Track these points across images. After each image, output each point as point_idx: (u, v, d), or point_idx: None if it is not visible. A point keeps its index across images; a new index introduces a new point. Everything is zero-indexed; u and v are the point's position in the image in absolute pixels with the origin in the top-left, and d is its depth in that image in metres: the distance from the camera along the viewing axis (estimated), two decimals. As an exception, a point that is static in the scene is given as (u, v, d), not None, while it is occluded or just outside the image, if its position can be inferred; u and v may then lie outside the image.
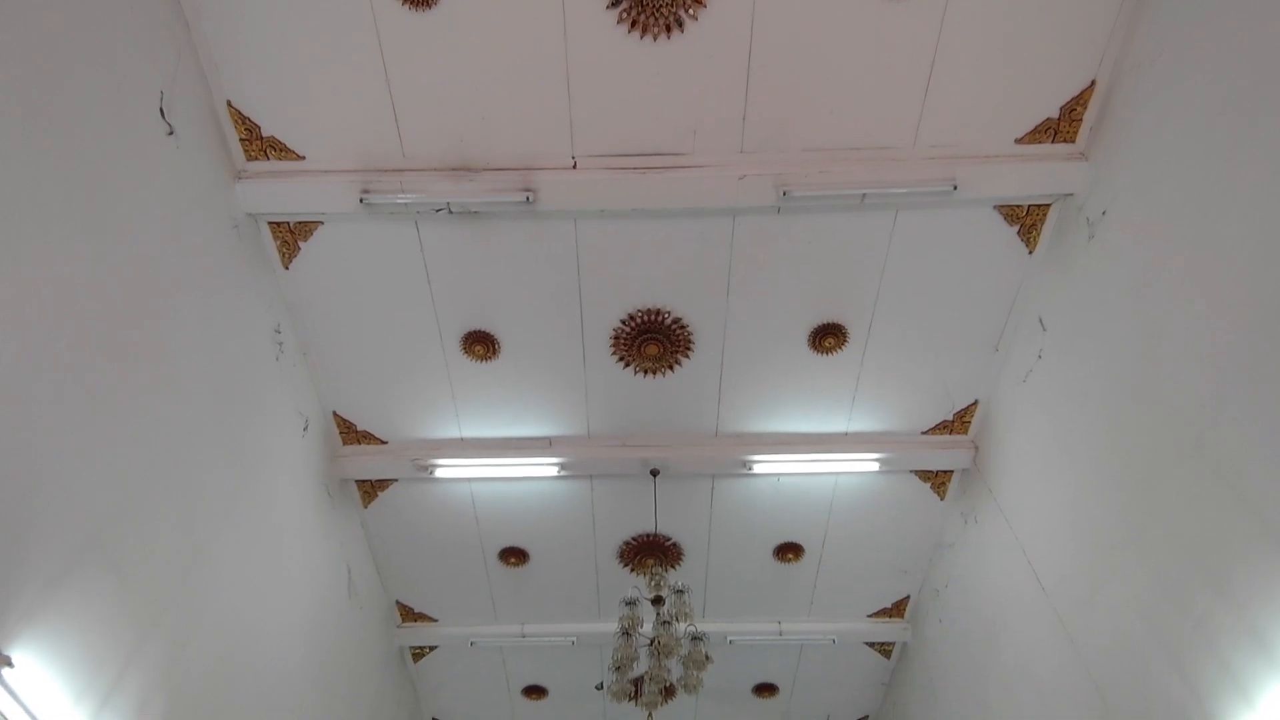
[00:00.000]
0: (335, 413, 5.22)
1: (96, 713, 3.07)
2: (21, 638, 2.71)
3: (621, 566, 6.14)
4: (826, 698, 7.24)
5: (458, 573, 6.18)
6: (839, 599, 6.35)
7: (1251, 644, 2.88)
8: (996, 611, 4.90)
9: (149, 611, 3.39)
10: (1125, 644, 3.60)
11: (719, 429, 5.33)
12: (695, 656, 4.46)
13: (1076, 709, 3.98)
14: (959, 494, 5.45)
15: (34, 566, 2.78)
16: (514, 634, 6.54)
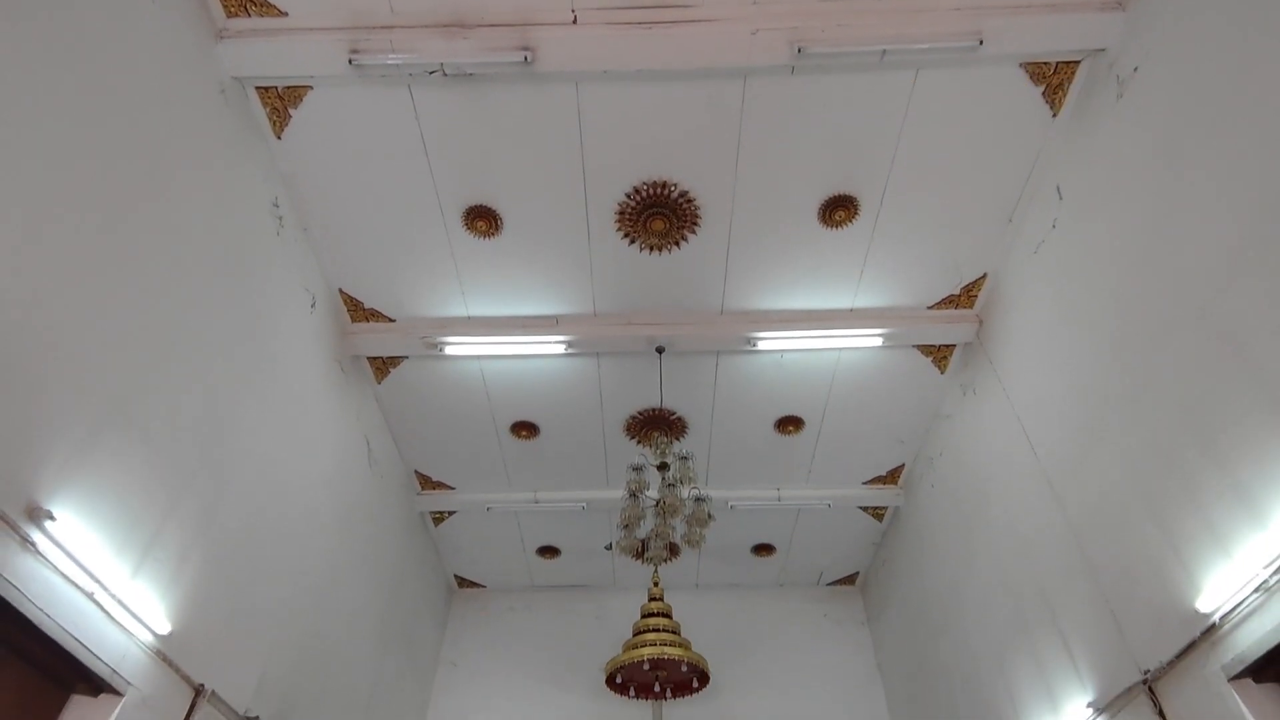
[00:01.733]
0: (341, 290, 5.22)
1: (138, 564, 3.31)
2: (59, 494, 2.88)
3: (628, 439, 6.36)
4: (820, 557, 7.72)
5: (471, 445, 6.43)
6: (836, 468, 6.61)
7: (1235, 499, 3.02)
8: (988, 476, 5.12)
9: (178, 474, 3.57)
10: (1110, 502, 3.78)
11: (724, 306, 5.34)
12: (698, 515, 4.72)
13: (1058, 562, 4.25)
14: (959, 367, 5.53)
15: (61, 430, 2.91)
16: (527, 500, 6.89)
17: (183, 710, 3.58)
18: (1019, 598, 4.69)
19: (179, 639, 3.55)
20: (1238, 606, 2.97)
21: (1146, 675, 3.46)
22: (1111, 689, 3.73)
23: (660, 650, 6.00)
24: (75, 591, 2.96)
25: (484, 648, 7.80)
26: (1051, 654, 4.30)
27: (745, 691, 7.33)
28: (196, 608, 3.70)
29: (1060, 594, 4.24)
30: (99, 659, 3.04)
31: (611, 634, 7.54)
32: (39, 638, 2.82)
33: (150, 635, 3.36)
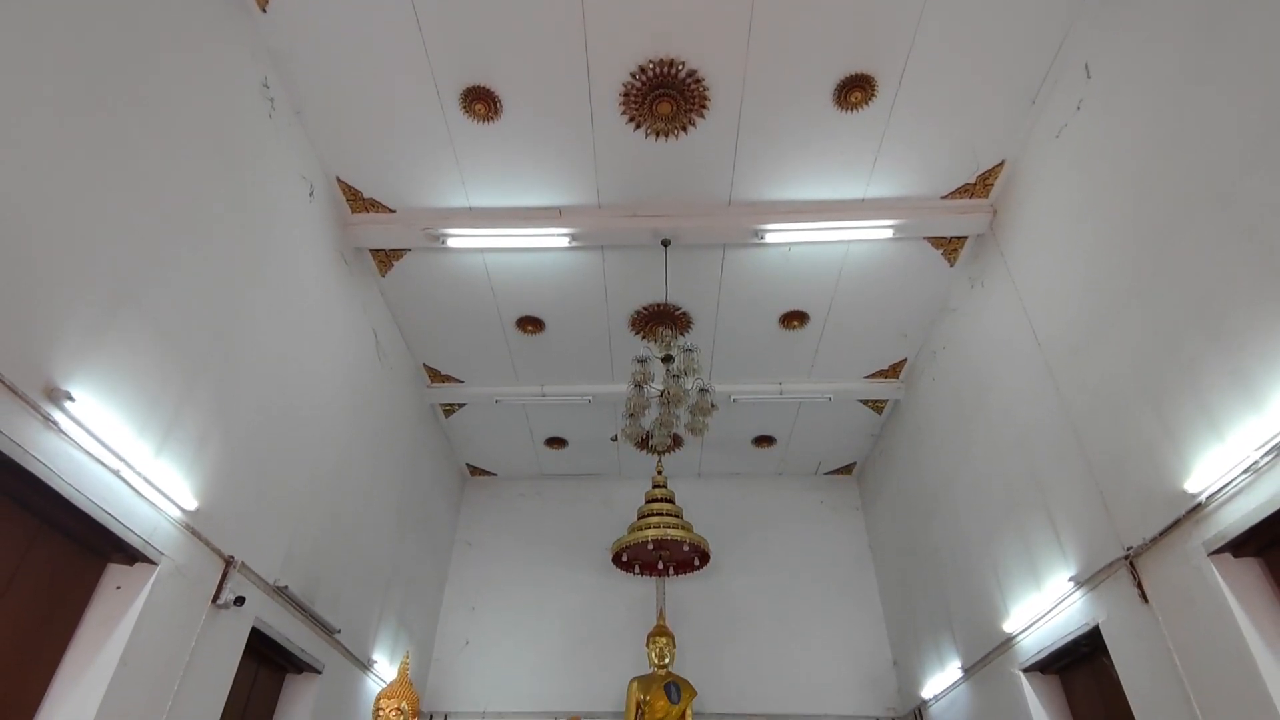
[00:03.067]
0: (339, 179, 5.10)
1: (160, 445, 3.42)
2: (76, 376, 2.93)
3: (633, 334, 6.39)
4: (819, 448, 7.95)
5: (478, 339, 6.48)
6: (838, 362, 6.68)
7: (1235, 384, 3.04)
8: (989, 369, 5.16)
9: (190, 360, 3.62)
10: (1109, 390, 3.83)
11: (732, 197, 5.20)
12: (701, 405, 4.81)
13: (1052, 449, 4.36)
14: (970, 259, 5.45)
15: (72, 313, 2.92)
16: (534, 393, 7.02)
17: (215, 579, 3.81)
18: (1011, 483, 4.84)
19: (206, 514, 3.73)
20: (1225, 487, 3.07)
21: (1129, 551, 3.63)
22: (1094, 564, 3.92)
23: (663, 532, 6.32)
24: (102, 469, 3.07)
25: (497, 530, 8.21)
26: (1038, 534, 4.50)
27: (743, 570, 7.75)
28: (220, 486, 3.86)
29: (1051, 479, 4.37)
30: (131, 530, 3.20)
31: (617, 519, 7.91)
32: (72, 511, 2.96)
33: (178, 510, 3.52)
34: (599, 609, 7.57)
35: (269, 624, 4.32)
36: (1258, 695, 2.88)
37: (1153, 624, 3.49)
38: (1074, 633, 4.09)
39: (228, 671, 3.95)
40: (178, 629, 3.53)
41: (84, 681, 3.06)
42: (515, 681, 7.12)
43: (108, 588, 3.31)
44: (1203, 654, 3.19)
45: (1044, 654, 4.41)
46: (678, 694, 5.96)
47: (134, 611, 3.25)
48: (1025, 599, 4.61)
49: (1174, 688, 3.34)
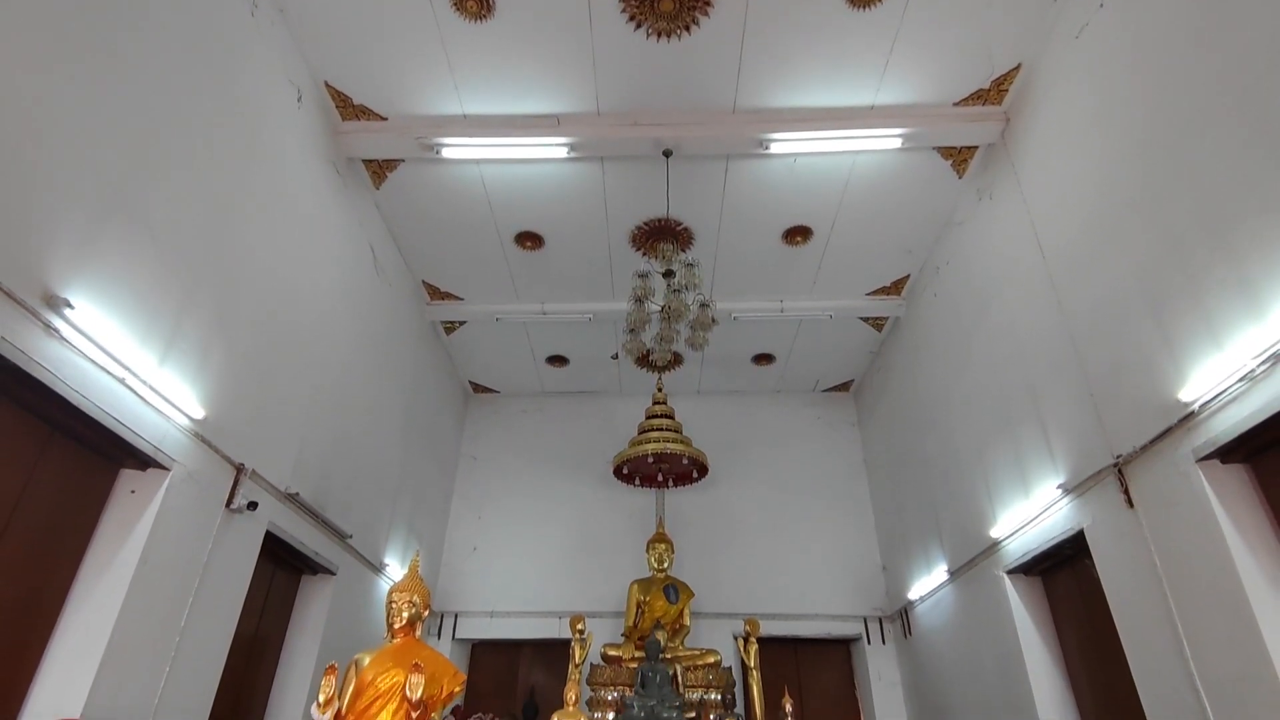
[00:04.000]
0: (327, 84, 4.90)
1: (163, 355, 3.44)
2: (73, 283, 2.92)
3: (634, 250, 6.31)
4: (817, 365, 8.00)
5: (477, 255, 6.40)
6: (840, 279, 6.62)
7: (1238, 293, 3.02)
8: (992, 283, 5.12)
9: (187, 269, 3.59)
10: (1111, 301, 3.81)
11: (737, 104, 5.01)
12: (702, 319, 4.81)
13: (1049, 361, 4.38)
14: (979, 170, 5.31)
15: (65, 219, 2.88)
16: (535, 311, 7.01)
17: (227, 485, 3.92)
18: (1006, 396, 4.90)
19: (214, 423, 3.79)
20: (1220, 395, 3.10)
21: (1118, 459, 3.71)
22: (1082, 472, 4.02)
23: (663, 445, 6.44)
24: (107, 377, 3.10)
25: (501, 445, 8.38)
26: (1030, 445, 4.59)
27: (740, 483, 7.97)
28: (227, 396, 3.91)
29: (1046, 390, 4.42)
30: (141, 437, 3.27)
31: (618, 434, 8.05)
32: (81, 418, 3.01)
33: (186, 419, 3.58)
34: (600, 518, 7.83)
35: (283, 528, 4.48)
36: (1233, 593, 3.01)
37: (1136, 528, 3.61)
38: (1058, 537, 4.24)
39: (245, 571, 4.13)
40: (194, 531, 3.66)
41: (107, 578, 3.20)
42: (521, 585, 7.45)
43: (122, 492, 3.41)
44: (1183, 555, 3.31)
45: (1028, 557, 4.59)
46: (676, 595, 6.24)
47: (150, 514, 3.36)
48: (1013, 506, 4.76)
49: (1152, 587, 3.49)
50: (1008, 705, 4.82)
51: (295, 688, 4.81)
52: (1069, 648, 4.58)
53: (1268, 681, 2.83)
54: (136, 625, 3.23)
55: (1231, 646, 3.02)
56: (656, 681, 3.22)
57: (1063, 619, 4.66)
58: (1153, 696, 3.52)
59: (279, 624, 4.93)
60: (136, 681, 3.25)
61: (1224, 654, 3.06)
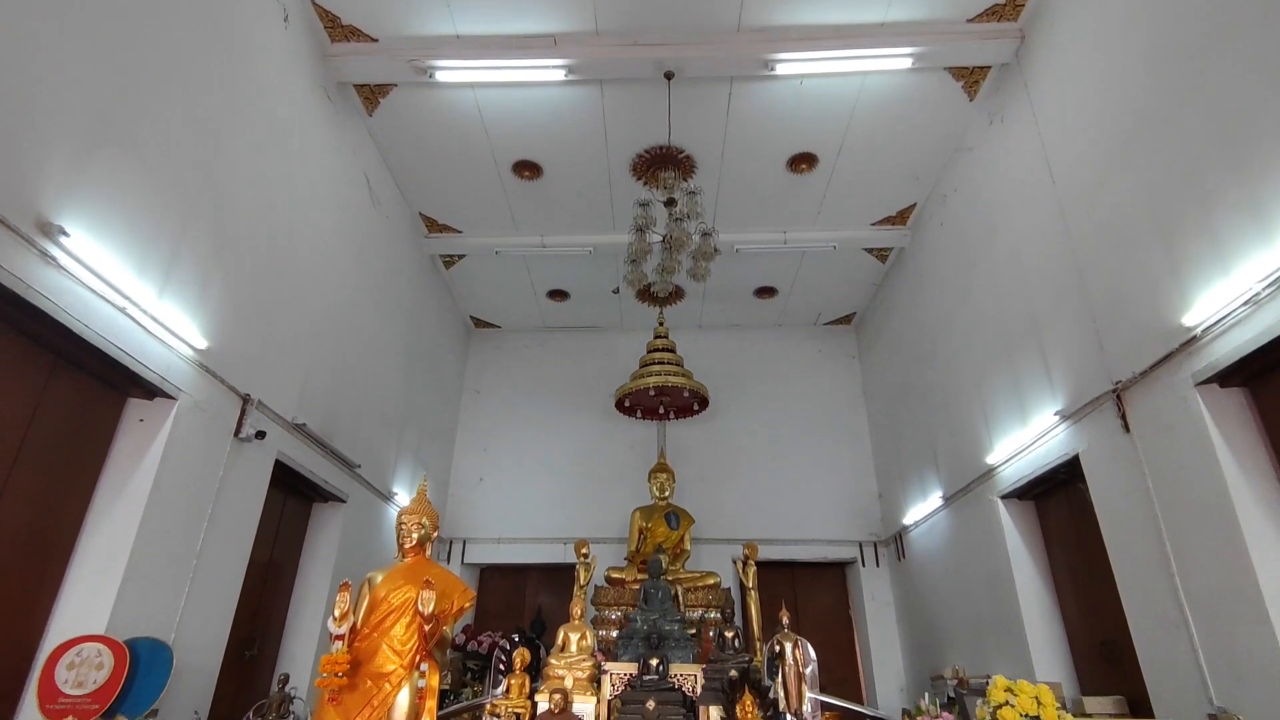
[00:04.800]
0: (314, 1, 4.69)
1: (162, 285, 3.42)
2: (66, 210, 2.88)
3: (635, 180, 6.17)
4: (819, 298, 7.96)
5: (474, 185, 6.28)
6: (845, 208, 6.51)
7: (1249, 216, 2.97)
8: (999, 210, 5.04)
9: (180, 197, 3.54)
10: (1119, 225, 3.76)
11: (741, 22, 4.81)
12: (704, 249, 4.75)
13: (1053, 288, 4.35)
14: (991, 92, 5.14)
15: (54, 146, 2.82)
16: (534, 244, 6.93)
17: (234, 415, 3.97)
18: (1007, 325, 4.89)
19: (217, 354, 3.81)
20: (1223, 319, 3.09)
21: (1117, 385, 3.73)
22: (1081, 398, 4.05)
23: (664, 379, 6.49)
24: (108, 307, 3.09)
25: (503, 379, 8.45)
26: (1030, 372, 4.61)
27: (740, 414, 8.06)
28: (229, 328, 3.91)
29: (1049, 319, 4.41)
30: (146, 366, 3.29)
31: (619, 368, 8.08)
32: (85, 347, 3.02)
33: (189, 349, 3.59)
34: (603, 450, 7.96)
35: (292, 458, 4.56)
36: (1223, 512, 3.08)
37: (1131, 452, 3.67)
38: (1054, 462, 4.31)
39: (257, 499, 4.23)
40: (204, 459, 3.72)
41: (121, 503, 3.28)
42: (526, 513, 7.64)
43: (131, 420, 3.45)
44: (1176, 477, 3.38)
45: (1022, 482, 4.68)
46: (676, 522, 6.41)
47: (159, 442, 3.42)
48: (1010, 434, 4.82)
49: (1144, 508, 3.57)
50: (996, 622, 5.02)
51: (311, 610, 5.00)
52: (1058, 568, 4.73)
53: (1249, 595, 2.93)
54: (153, 548, 3.33)
55: (1218, 562, 3.11)
56: (659, 597, 3.35)
57: (1053, 541, 4.79)
58: (1137, 609, 3.65)
59: (292, 550, 5.08)
60: (157, 601, 3.37)
61: (1209, 570, 3.16)
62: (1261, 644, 2.88)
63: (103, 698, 2.86)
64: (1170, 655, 3.40)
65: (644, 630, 3.07)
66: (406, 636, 2.71)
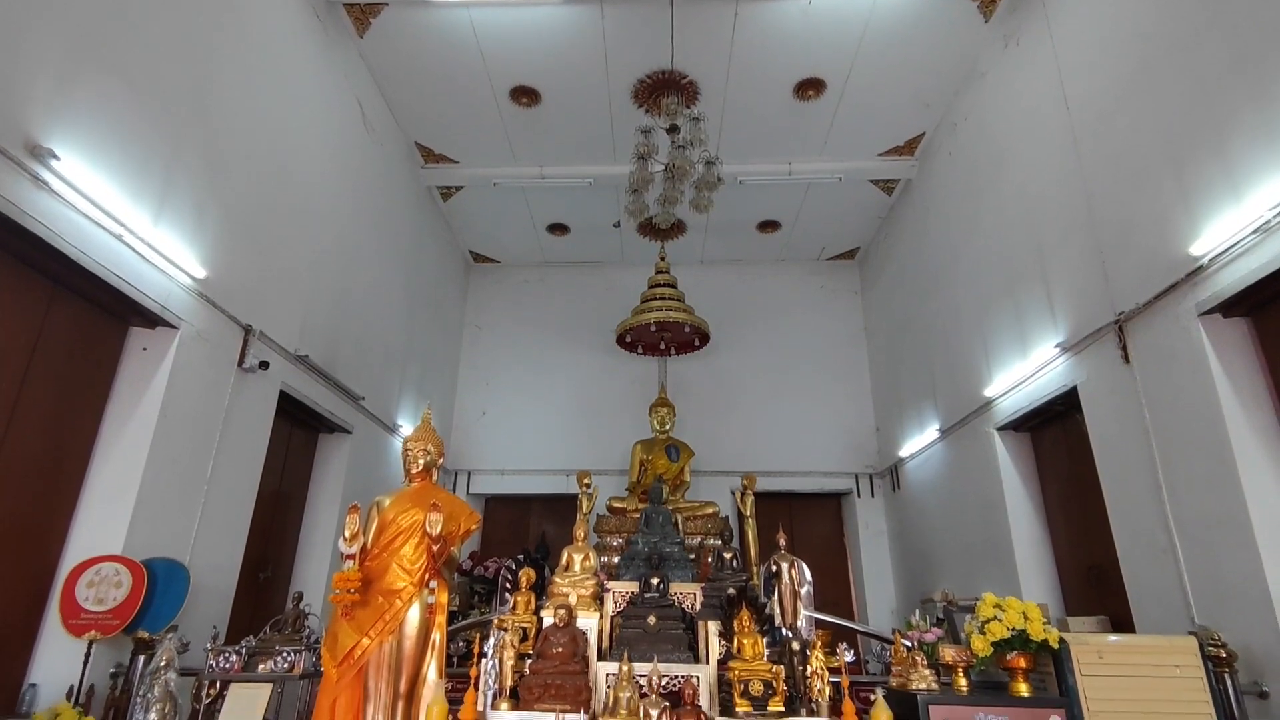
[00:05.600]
0: (298, -88, 4.46)
1: (157, 213, 3.37)
2: (55, 133, 2.81)
3: (636, 107, 5.99)
4: (823, 232, 7.86)
5: (470, 112, 6.10)
6: (852, 138, 6.35)
7: (1266, 142, 2.90)
8: (1010, 138, 4.92)
9: (171, 122, 3.45)
10: (1132, 154, 3.67)
11: (747, -65, 4.57)
12: (707, 179, 4.66)
13: (1061, 220, 4.29)
14: (1007, 12, 4.93)
15: (39, 63, 2.73)
16: (533, 175, 6.79)
17: (237, 345, 3.98)
18: (1012, 258, 4.85)
19: (216, 285, 3.79)
20: (1231, 248, 3.06)
21: (1120, 316, 3.73)
22: (1082, 330, 4.05)
23: (666, 314, 6.48)
24: (104, 233, 3.06)
25: (504, 314, 8.44)
26: (1032, 305, 4.60)
27: (741, 350, 8.09)
28: (227, 257, 3.88)
29: (1055, 250, 4.36)
30: (145, 294, 3.27)
31: (620, 303, 8.04)
32: (83, 274, 3.00)
33: (188, 278, 3.57)
34: (604, 385, 8.02)
35: (296, 389, 4.60)
36: (1218, 441, 3.12)
37: (1130, 383, 3.69)
38: (1052, 394, 4.35)
39: (263, 428, 4.29)
40: (209, 388, 3.76)
41: (130, 430, 3.33)
42: (530, 446, 7.76)
43: (134, 349, 3.47)
44: (1173, 406, 3.41)
45: (1019, 414, 4.73)
46: (677, 454, 6.52)
47: (164, 371, 3.44)
48: (1009, 367, 4.84)
49: (1139, 437, 3.62)
50: (986, 549, 5.16)
51: (321, 535, 5.14)
52: (1049, 497, 4.84)
53: (1238, 521, 3.00)
54: (164, 474, 3.40)
55: (1209, 489, 3.18)
56: (659, 521, 3.44)
57: (1046, 472, 4.88)
58: (1126, 536, 3.75)
59: (301, 479, 5.19)
60: (170, 525, 3.46)
61: (1200, 497, 3.23)
62: (1246, 567, 2.97)
63: (123, 614, 2.97)
64: (1156, 579, 3.52)
65: (645, 552, 3.17)
66: (415, 556, 2.79)
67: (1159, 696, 2.40)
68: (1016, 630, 2.48)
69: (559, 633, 2.74)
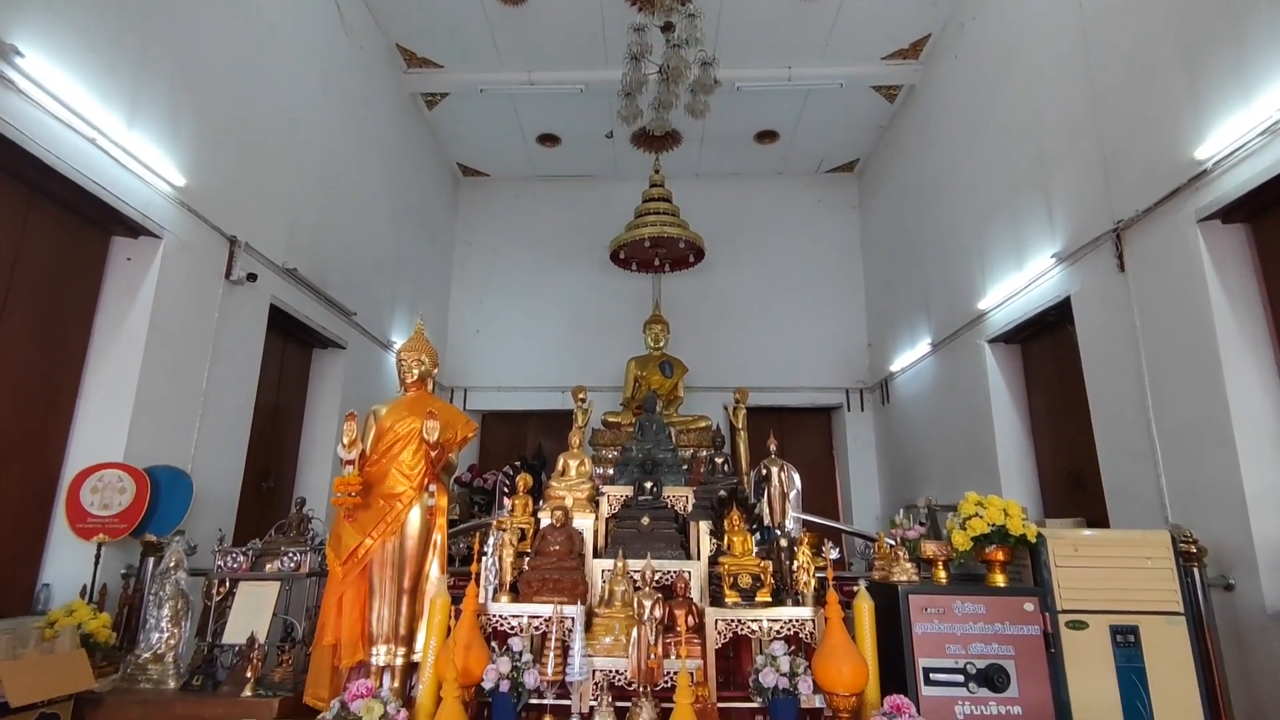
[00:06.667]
0: None
1: (130, 116, 3.23)
2: (16, 28, 2.66)
3: (628, 4, 5.68)
4: (823, 142, 7.64)
5: (453, 10, 5.77)
6: (855, 40, 6.07)
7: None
8: (1019, 38, 4.71)
9: (138, 18, 3.27)
10: (1143, 53, 3.53)
11: None
12: (703, 81, 4.47)
13: (1067, 125, 4.17)
14: (1024, -101, 4.63)
15: (-19, -55, 2.54)
16: (522, 81, 6.51)
17: (223, 257, 3.91)
18: (1014, 166, 4.74)
19: (198, 193, 3.68)
20: (1237, 151, 2.99)
21: (1118, 224, 3.69)
22: (1080, 239, 4.01)
23: (660, 229, 6.37)
24: (76, 136, 2.95)
25: (495, 230, 8.29)
26: (1031, 216, 4.53)
27: (736, 267, 8.02)
28: (206, 166, 3.75)
29: (1058, 158, 4.27)
30: (124, 201, 3.19)
31: (614, 219, 7.88)
32: (58, 179, 2.91)
33: (168, 186, 3.46)
34: (598, 302, 7.99)
35: (287, 302, 4.56)
36: (1206, 347, 3.15)
37: (1123, 292, 3.69)
38: (1045, 304, 4.35)
39: (256, 340, 4.27)
40: (198, 300, 3.72)
41: (121, 340, 3.31)
42: (524, 363, 7.81)
43: (118, 259, 3.41)
44: (1165, 314, 3.42)
45: (1011, 326, 4.76)
46: (671, 370, 6.57)
47: (150, 282, 3.39)
48: (1004, 279, 4.82)
49: (1128, 345, 3.65)
50: (970, 458, 5.30)
51: (321, 448, 5.22)
52: (1036, 407, 4.93)
53: (1219, 424, 3.07)
54: (159, 384, 3.41)
55: (1193, 396, 3.24)
56: (653, 429, 3.49)
57: (1034, 382, 4.95)
58: (1108, 441, 3.85)
59: (298, 394, 5.22)
60: (170, 435, 3.50)
61: (1184, 402, 3.29)
62: (1222, 468, 3.06)
63: (129, 518, 3.05)
64: (1134, 481, 3.63)
65: (639, 458, 3.24)
66: (414, 462, 2.85)
67: (1129, 586, 2.52)
68: (996, 526, 2.58)
69: (556, 532, 2.83)
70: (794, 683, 2.29)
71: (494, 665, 2.33)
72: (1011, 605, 2.52)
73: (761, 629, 2.56)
